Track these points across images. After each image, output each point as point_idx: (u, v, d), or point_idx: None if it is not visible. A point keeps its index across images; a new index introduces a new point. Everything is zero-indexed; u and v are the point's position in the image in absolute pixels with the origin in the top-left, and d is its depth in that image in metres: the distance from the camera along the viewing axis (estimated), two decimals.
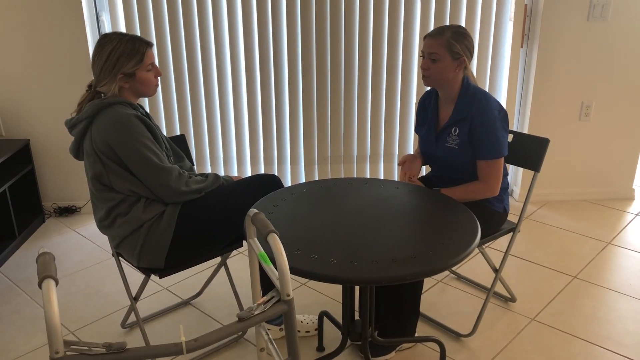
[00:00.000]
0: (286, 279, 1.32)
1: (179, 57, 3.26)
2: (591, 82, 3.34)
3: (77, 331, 2.40)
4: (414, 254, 1.61)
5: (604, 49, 3.27)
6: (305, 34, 3.24)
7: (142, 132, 1.92)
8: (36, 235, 3.26)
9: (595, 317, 2.42)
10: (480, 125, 2.08)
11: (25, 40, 3.14)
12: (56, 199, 3.50)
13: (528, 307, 2.49)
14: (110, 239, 2.09)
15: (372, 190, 2.06)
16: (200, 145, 3.48)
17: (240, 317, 1.28)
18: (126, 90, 2.00)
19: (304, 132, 3.46)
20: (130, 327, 2.42)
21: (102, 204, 2.02)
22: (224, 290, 2.66)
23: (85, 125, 1.95)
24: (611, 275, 2.73)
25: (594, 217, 3.35)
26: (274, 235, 1.36)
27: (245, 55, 3.28)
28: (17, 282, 2.78)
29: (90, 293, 2.68)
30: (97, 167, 1.95)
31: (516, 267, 2.82)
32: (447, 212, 1.88)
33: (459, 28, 2.10)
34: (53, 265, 1.17)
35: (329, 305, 2.53)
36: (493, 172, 2.12)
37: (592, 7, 3.17)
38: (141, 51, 1.96)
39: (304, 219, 1.84)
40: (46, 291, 1.11)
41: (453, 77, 2.12)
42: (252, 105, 3.39)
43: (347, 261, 1.59)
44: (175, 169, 1.98)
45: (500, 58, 3.34)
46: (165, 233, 1.97)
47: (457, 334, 2.31)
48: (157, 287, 2.71)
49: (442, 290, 2.64)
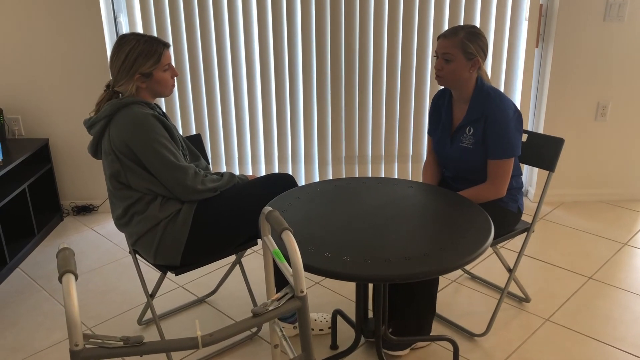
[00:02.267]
0: (300, 276, 1.34)
1: (195, 57, 3.30)
2: (607, 83, 3.32)
3: (94, 327, 2.44)
4: (427, 253, 1.62)
5: (620, 49, 3.25)
6: (319, 34, 3.26)
7: (159, 131, 1.95)
8: (54, 233, 3.32)
9: (611, 318, 2.40)
10: (494, 124, 2.08)
11: (45, 41, 3.20)
12: (74, 197, 3.56)
13: (542, 307, 2.49)
14: (127, 237, 2.13)
15: (386, 190, 2.07)
16: (215, 144, 3.51)
17: (255, 313, 1.30)
18: (143, 90, 2.03)
19: (318, 132, 3.48)
20: (147, 324, 2.45)
21: (119, 202, 2.05)
22: (239, 289, 2.69)
23: (103, 124, 1.99)
24: (627, 277, 2.71)
25: (609, 218, 3.32)
26: (288, 232, 1.38)
27: (260, 55, 3.31)
28: (37, 279, 2.83)
29: (107, 290, 2.72)
30: (115, 165, 1.98)
31: (530, 267, 2.81)
32: (460, 212, 1.89)
33: (472, 28, 2.10)
34: (73, 261, 1.20)
35: (343, 304, 2.55)
36: (502, 173, 2.12)
37: (609, 7, 3.15)
38: (158, 52, 1.99)
39: (317, 218, 1.86)
40: (66, 285, 1.14)
41: (467, 77, 2.12)
42: (267, 105, 3.42)
43: (361, 259, 1.60)
44: (192, 168, 2.00)
45: (516, 58, 3.33)
46: (182, 231, 2.00)
47: (471, 334, 2.31)
48: (173, 285, 2.75)
49: (456, 290, 2.64)
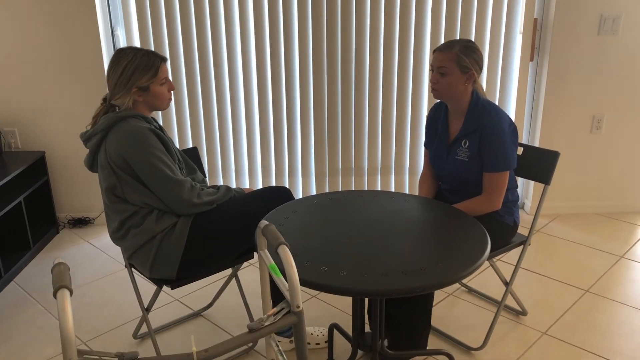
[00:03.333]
0: (296, 291, 1.34)
1: (192, 71, 3.31)
2: (602, 96, 3.34)
3: (89, 342, 2.42)
4: (423, 267, 1.62)
5: (615, 63, 3.27)
6: (316, 48, 3.27)
7: (155, 145, 1.95)
8: (50, 246, 3.30)
9: (608, 332, 2.40)
10: (489, 137, 2.09)
11: (42, 54, 3.20)
12: (70, 210, 3.55)
13: (539, 320, 2.48)
14: (123, 250, 2.12)
15: (382, 203, 2.07)
16: (212, 157, 3.51)
17: (251, 328, 1.29)
18: (140, 103, 2.03)
19: (315, 144, 3.48)
20: (142, 338, 2.44)
21: (115, 215, 2.05)
22: (235, 302, 2.68)
23: (99, 138, 1.99)
24: (624, 289, 2.71)
25: (606, 231, 3.33)
26: (285, 247, 1.38)
27: (257, 68, 3.32)
28: (32, 293, 2.81)
29: (103, 304, 2.71)
30: (111, 179, 1.98)
31: (527, 280, 2.81)
32: (457, 225, 1.89)
33: (468, 42, 2.11)
34: (68, 276, 1.19)
35: (339, 318, 2.54)
36: (497, 185, 2.12)
37: (603, 21, 3.17)
38: (156, 65, 2.00)
39: (314, 231, 1.86)
40: (61, 301, 1.13)
41: (462, 90, 2.13)
42: (264, 117, 3.42)
43: (357, 273, 1.60)
44: (188, 181, 2.00)
45: (510, 71, 3.35)
46: (178, 244, 1.99)
47: (467, 348, 2.30)
48: (169, 299, 2.73)
49: (453, 303, 2.63)
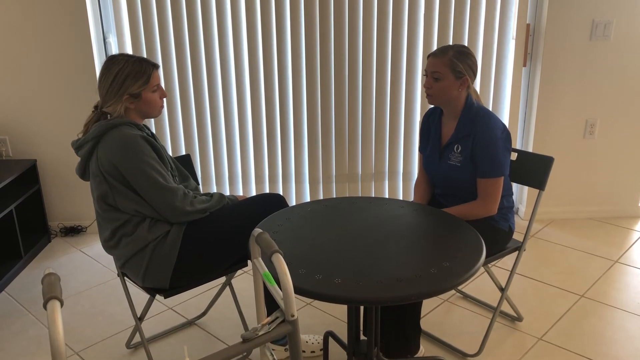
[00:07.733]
0: (290, 299, 1.32)
1: (184, 78, 3.30)
2: (595, 100, 3.35)
3: (81, 352, 2.39)
4: (418, 274, 1.61)
5: (607, 68, 3.28)
6: (309, 54, 3.27)
7: (147, 152, 1.93)
8: (42, 255, 3.27)
9: (603, 337, 2.39)
10: (482, 143, 2.09)
11: (33, 62, 3.18)
12: (62, 218, 3.52)
13: (535, 326, 2.47)
14: (115, 259, 2.10)
15: (377, 210, 2.06)
16: (205, 164, 3.49)
17: (245, 338, 1.27)
18: (132, 111, 2.02)
19: (308, 150, 3.47)
20: (135, 348, 2.41)
21: (107, 224, 2.03)
22: (229, 310, 2.66)
23: (91, 146, 1.97)
24: (619, 294, 2.71)
25: (600, 236, 3.33)
26: (278, 255, 1.37)
27: (249, 75, 3.31)
28: (23, 303, 2.78)
29: (95, 313, 2.68)
30: (103, 187, 1.96)
31: (522, 286, 2.80)
32: (451, 231, 1.88)
33: (461, 47, 2.11)
34: (58, 286, 1.17)
35: (334, 325, 2.52)
36: (492, 191, 2.12)
37: (595, 26, 3.19)
38: (147, 72, 1.98)
39: (308, 239, 1.84)
40: (51, 312, 1.11)
41: (456, 95, 2.13)
42: (257, 124, 3.41)
43: (352, 281, 1.58)
44: (180, 189, 1.99)
45: (504, 77, 3.36)
46: (170, 253, 1.98)
47: (463, 354, 2.29)
48: (162, 307, 2.71)
49: (448, 309, 2.62)
